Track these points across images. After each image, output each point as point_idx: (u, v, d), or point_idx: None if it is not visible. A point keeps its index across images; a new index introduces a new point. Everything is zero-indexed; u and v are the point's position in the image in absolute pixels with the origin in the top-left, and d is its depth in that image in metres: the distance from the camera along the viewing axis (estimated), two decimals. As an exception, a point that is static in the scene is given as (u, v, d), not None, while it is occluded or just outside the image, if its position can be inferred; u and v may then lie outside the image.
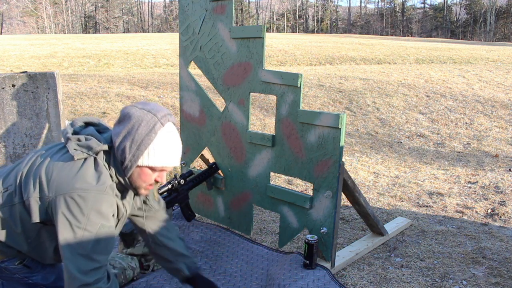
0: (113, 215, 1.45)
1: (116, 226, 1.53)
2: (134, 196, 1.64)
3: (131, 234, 2.37)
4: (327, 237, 2.41)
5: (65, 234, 1.37)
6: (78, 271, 1.37)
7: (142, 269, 2.39)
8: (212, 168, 2.95)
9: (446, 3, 53.71)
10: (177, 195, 2.78)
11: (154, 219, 1.84)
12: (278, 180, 4.23)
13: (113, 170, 1.46)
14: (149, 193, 1.70)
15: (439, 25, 53.81)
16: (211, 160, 3.77)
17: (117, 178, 1.47)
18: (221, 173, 2.97)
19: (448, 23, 53.22)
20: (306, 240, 2.33)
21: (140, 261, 2.39)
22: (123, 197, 1.55)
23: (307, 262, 2.34)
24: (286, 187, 3.96)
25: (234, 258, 2.60)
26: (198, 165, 4.27)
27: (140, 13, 59.83)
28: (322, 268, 2.36)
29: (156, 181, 1.52)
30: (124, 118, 1.44)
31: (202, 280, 1.87)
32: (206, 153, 4.14)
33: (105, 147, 1.45)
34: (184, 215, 2.94)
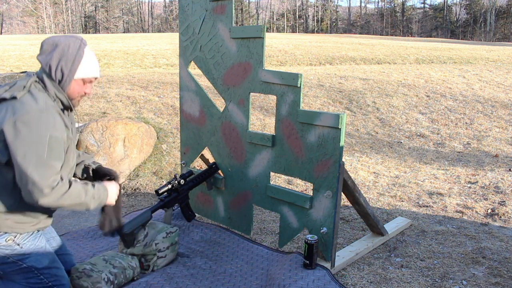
0: (61, 127, 1.67)
1: (67, 137, 1.74)
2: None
3: (131, 234, 2.37)
4: (327, 237, 2.41)
5: (21, 152, 1.57)
6: (41, 178, 1.58)
7: (142, 269, 2.39)
8: (212, 168, 2.95)
9: (446, 3, 53.70)
10: (177, 195, 2.78)
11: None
12: (278, 180, 4.23)
13: (52, 91, 1.72)
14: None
15: (439, 25, 53.81)
16: (211, 160, 3.77)
17: (57, 97, 1.74)
18: (221, 173, 2.97)
19: (448, 23, 53.22)
20: (306, 240, 2.33)
21: (140, 261, 2.40)
22: (66, 115, 1.81)
23: (307, 262, 2.34)
24: (286, 187, 3.96)
25: (234, 258, 2.60)
26: (198, 165, 4.27)
27: (140, 13, 59.82)
28: (322, 268, 2.36)
29: (85, 93, 1.83)
30: (50, 47, 1.73)
31: (104, 168, 2.04)
32: (206, 153, 4.14)
33: (33, 78, 1.71)
34: (184, 215, 2.94)
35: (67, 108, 1.80)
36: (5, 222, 1.70)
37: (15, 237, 1.74)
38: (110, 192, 1.88)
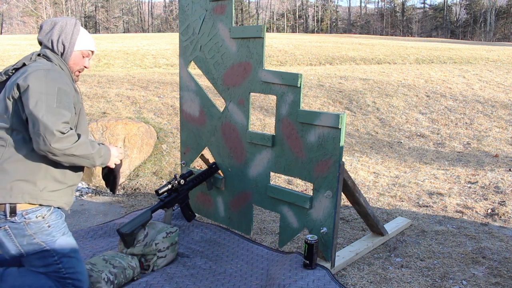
0: (68, 83, 1.83)
1: (76, 99, 1.88)
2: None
3: (131, 234, 2.37)
4: (327, 237, 2.41)
5: (32, 101, 1.69)
6: (52, 122, 1.68)
7: (142, 269, 2.39)
8: (212, 168, 2.95)
9: (446, 3, 53.68)
10: (177, 195, 2.78)
11: None
12: (278, 180, 4.23)
13: (56, 62, 1.88)
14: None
15: (439, 25, 53.79)
16: (211, 160, 3.77)
17: (61, 68, 1.88)
18: (221, 173, 2.97)
19: (448, 23, 53.21)
20: (306, 240, 2.33)
21: (140, 260, 2.40)
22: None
23: (307, 262, 2.34)
24: (286, 187, 3.96)
25: (234, 258, 2.60)
26: (198, 165, 4.27)
27: (140, 13, 59.81)
28: (322, 268, 2.36)
29: (84, 67, 2.01)
30: (49, 26, 1.92)
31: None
32: (206, 153, 4.14)
33: (36, 52, 1.88)
34: (184, 215, 2.94)
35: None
36: (38, 193, 1.78)
37: (45, 215, 1.81)
38: (113, 153, 1.97)
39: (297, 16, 59.09)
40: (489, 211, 3.52)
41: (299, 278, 2.25)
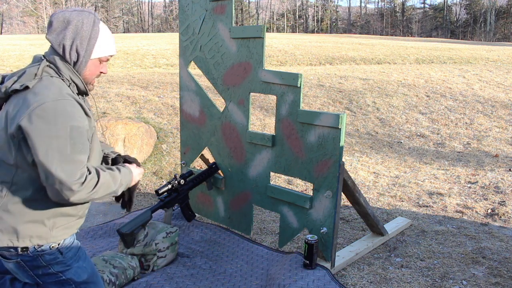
0: (81, 115, 1.52)
1: (88, 125, 1.59)
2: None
3: (131, 234, 2.37)
4: (327, 237, 2.41)
5: (42, 149, 1.42)
6: (68, 176, 1.44)
7: (142, 269, 2.39)
8: (212, 168, 2.95)
9: (446, 3, 53.68)
10: (177, 195, 2.78)
11: None
12: (278, 180, 4.22)
13: (67, 75, 1.56)
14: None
15: (439, 25, 53.79)
16: (211, 160, 3.77)
17: (72, 81, 1.58)
18: (221, 173, 2.97)
19: (448, 23, 53.21)
20: (306, 240, 2.33)
21: (140, 260, 2.40)
22: (82, 100, 1.65)
23: (307, 262, 2.34)
24: (286, 187, 3.96)
25: (234, 258, 2.60)
26: (198, 165, 4.27)
27: (140, 13, 59.81)
28: (322, 268, 2.36)
29: (101, 73, 1.68)
30: (62, 24, 1.55)
31: (127, 156, 1.93)
32: (206, 153, 4.14)
33: (44, 63, 1.54)
34: (184, 215, 2.94)
35: (82, 93, 1.66)
36: (48, 232, 1.60)
37: (59, 244, 1.65)
38: (135, 174, 1.79)
39: (297, 16, 59.09)
40: (489, 211, 3.52)
41: (299, 278, 2.25)
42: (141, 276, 2.33)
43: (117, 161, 1.90)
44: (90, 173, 1.53)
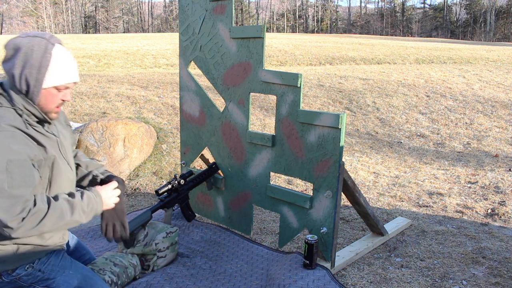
0: (21, 146, 1.42)
1: (46, 154, 1.50)
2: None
3: (131, 234, 2.37)
4: (327, 237, 2.41)
5: None
6: (5, 213, 1.35)
7: (142, 269, 2.39)
8: (212, 168, 2.95)
9: (446, 3, 53.68)
10: (177, 195, 2.78)
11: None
12: (278, 180, 4.23)
13: (19, 104, 1.47)
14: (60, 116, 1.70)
15: (439, 25, 53.78)
16: (211, 160, 3.77)
17: (27, 110, 1.49)
18: (221, 173, 2.97)
19: (448, 23, 53.21)
20: (306, 240, 2.33)
21: (141, 259, 2.39)
22: (42, 125, 1.56)
23: (307, 262, 2.34)
24: (286, 187, 3.96)
25: (234, 258, 2.60)
26: (198, 165, 4.27)
27: (140, 13, 59.81)
28: (322, 268, 2.36)
29: (63, 100, 1.55)
30: (12, 51, 1.46)
31: (114, 177, 1.81)
32: (206, 153, 4.14)
33: None
34: (184, 215, 2.94)
35: (42, 121, 1.55)
36: (17, 256, 1.53)
37: (34, 264, 1.58)
38: (105, 197, 1.64)
39: (297, 16, 59.08)
40: (489, 211, 3.52)
41: (299, 278, 2.25)
42: (141, 275, 2.33)
43: (106, 181, 1.78)
44: (35, 205, 1.42)
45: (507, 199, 3.74)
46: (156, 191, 2.65)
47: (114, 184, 1.74)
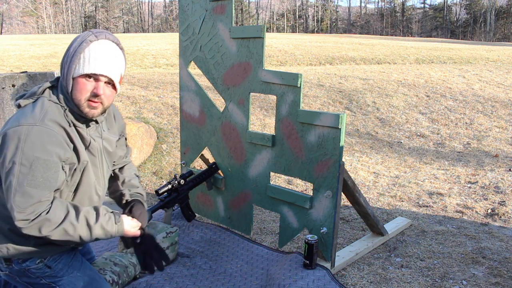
0: (55, 147, 1.41)
1: (79, 157, 1.49)
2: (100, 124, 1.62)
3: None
4: (327, 237, 2.41)
5: (5, 171, 1.36)
6: (16, 206, 1.36)
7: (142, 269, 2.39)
8: (212, 168, 2.95)
9: (446, 3, 53.69)
10: (177, 195, 2.78)
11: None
12: (278, 180, 4.23)
13: (61, 98, 1.48)
14: (103, 118, 1.61)
15: (439, 25, 53.79)
16: (211, 160, 3.77)
17: (65, 104, 1.49)
18: (221, 173, 2.97)
19: (448, 23, 53.22)
20: (306, 240, 2.33)
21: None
22: (87, 125, 1.56)
23: (307, 262, 2.34)
24: (286, 187, 3.96)
25: (234, 258, 2.60)
26: (198, 165, 4.27)
27: (140, 13, 59.81)
28: (322, 268, 2.36)
29: (95, 94, 1.48)
30: (70, 43, 1.51)
31: (138, 205, 1.79)
32: (206, 153, 4.14)
33: (47, 84, 1.50)
34: (184, 215, 2.94)
35: (85, 120, 1.54)
36: (30, 248, 1.54)
37: (45, 259, 1.59)
38: (126, 224, 1.61)
39: (297, 16, 59.09)
40: (489, 211, 3.52)
41: (299, 278, 2.25)
42: (141, 275, 2.33)
43: (127, 206, 1.78)
44: (48, 211, 1.41)
45: (507, 199, 3.74)
46: (156, 191, 2.65)
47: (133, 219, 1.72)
